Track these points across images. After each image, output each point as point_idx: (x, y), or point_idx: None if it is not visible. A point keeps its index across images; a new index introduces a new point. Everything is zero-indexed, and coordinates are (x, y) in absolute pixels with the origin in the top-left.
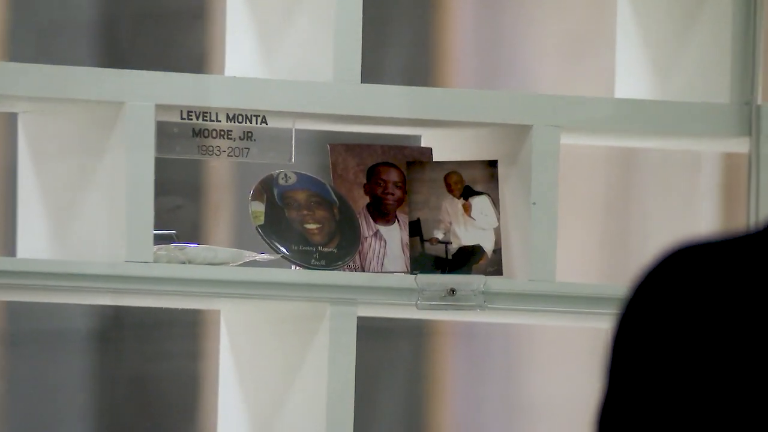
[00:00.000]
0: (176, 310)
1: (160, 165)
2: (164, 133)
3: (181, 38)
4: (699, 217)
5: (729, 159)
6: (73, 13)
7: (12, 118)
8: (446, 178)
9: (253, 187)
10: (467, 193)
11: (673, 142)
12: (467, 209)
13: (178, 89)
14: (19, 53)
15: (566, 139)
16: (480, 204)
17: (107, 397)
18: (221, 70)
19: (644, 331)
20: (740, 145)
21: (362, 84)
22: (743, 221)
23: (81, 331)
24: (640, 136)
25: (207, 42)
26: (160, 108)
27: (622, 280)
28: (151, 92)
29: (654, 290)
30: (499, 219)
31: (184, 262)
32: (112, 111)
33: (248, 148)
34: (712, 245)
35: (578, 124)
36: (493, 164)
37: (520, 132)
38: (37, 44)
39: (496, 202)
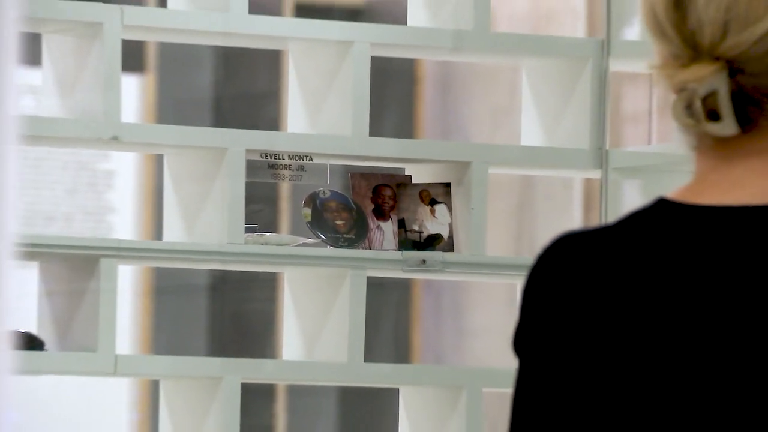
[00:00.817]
0: (258, 272)
1: (249, 186)
2: (251, 166)
3: (263, 108)
4: (571, 216)
5: (589, 182)
6: (200, 93)
7: (160, 159)
8: (420, 193)
9: (304, 198)
10: (432, 202)
11: (556, 172)
12: (432, 212)
13: (260, 139)
14: (165, 118)
15: (492, 170)
16: (440, 209)
17: (217, 325)
18: (285, 128)
19: (540, 283)
20: (596, 174)
21: (370, 137)
22: (597, 220)
23: (202, 285)
24: (537, 169)
25: (277, 110)
26: (248, 151)
27: (527, 254)
28: (243, 142)
29: (546, 258)
30: (451, 218)
31: (262, 244)
32: (220, 153)
33: (301, 175)
34: (583, 232)
35: (499, 161)
36: (447, 185)
37: (465, 166)
38: (176, 113)
39: (450, 208)
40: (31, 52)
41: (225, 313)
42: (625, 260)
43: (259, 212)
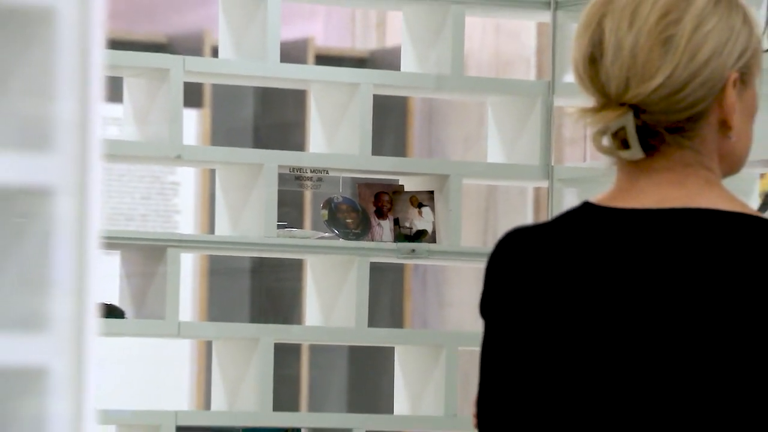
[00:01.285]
0: (287, 258)
1: (280, 193)
2: (281, 178)
3: (291, 134)
4: (525, 216)
5: (539, 190)
6: (243, 122)
7: (213, 173)
8: (410, 198)
9: (322, 203)
10: (420, 205)
11: (514, 182)
12: (420, 213)
13: (288, 158)
14: (217, 141)
15: (465, 181)
16: (426, 210)
17: (256, 298)
18: (308, 149)
19: (496, 263)
20: (544, 184)
21: (372, 156)
22: (545, 219)
23: (245, 268)
24: (499, 180)
25: (302, 135)
26: (280, 167)
27: (491, 245)
28: (275, 159)
29: (501, 245)
30: (434, 217)
31: (290, 237)
32: (258, 168)
33: (320, 185)
34: (528, 226)
35: (470, 174)
36: (431, 192)
37: (444, 178)
38: (225, 137)
39: (433, 210)
40: (115, 91)
41: (262, 289)
42: (558, 246)
43: (288, 213)
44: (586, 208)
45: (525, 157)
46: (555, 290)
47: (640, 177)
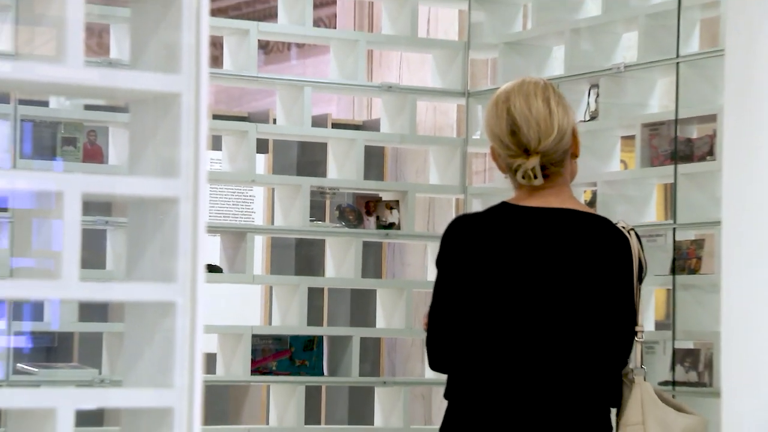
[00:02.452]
0: (315, 239)
1: (311, 201)
2: (312, 192)
3: (318, 167)
4: (451, 215)
5: (458, 200)
6: (290, 159)
7: (273, 190)
8: (385, 204)
9: (336, 207)
10: (391, 208)
11: (445, 196)
12: (391, 213)
13: (316, 181)
14: (276, 171)
15: (418, 195)
16: (395, 212)
17: (298, 261)
18: (327, 176)
19: (448, 235)
20: (462, 196)
21: (364, 180)
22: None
23: (291, 243)
24: (437, 194)
25: (325, 168)
26: (312, 186)
27: (432, 231)
28: (309, 182)
29: (451, 224)
30: (399, 215)
31: (317, 226)
32: (299, 187)
33: (334, 197)
34: (468, 214)
35: (420, 191)
36: (398, 201)
37: (404, 193)
38: (281, 169)
39: (398, 211)
40: (216, 143)
41: (301, 256)
42: (487, 226)
43: (315, 212)
44: (504, 205)
45: (451, 180)
46: (485, 251)
47: (534, 191)
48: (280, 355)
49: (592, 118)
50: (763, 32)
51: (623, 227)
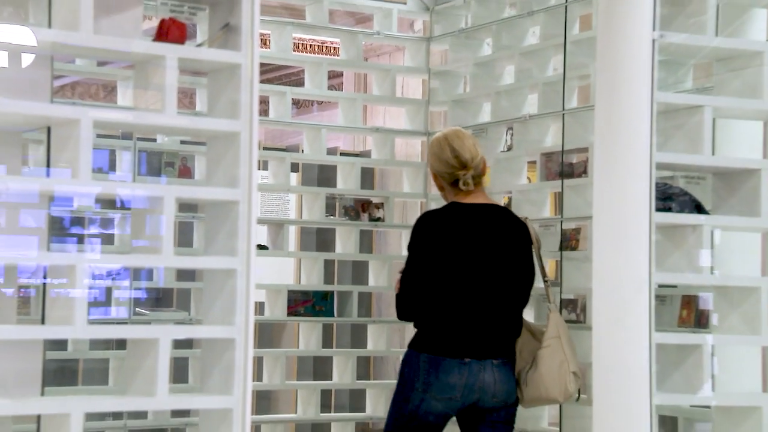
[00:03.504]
0: (329, 228)
1: (327, 204)
2: (327, 197)
3: (331, 181)
4: (417, 212)
5: (423, 203)
6: (313, 176)
7: (301, 197)
8: (374, 205)
9: (342, 207)
10: (378, 208)
11: (413, 200)
12: (378, 211)
13: (330, 190)
14: (304, 183)
15: (396, 199)
16: (381, 210)
17: (318, 242)
18: (337, 186)
19: (419, 225)
20: (424, 200)
21: (361, 189)
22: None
23: (314, 231)
24: (409, 199)
25: (335, 182)
26: (327, 194)
27: (406, 222)
28: (324, 191)
29: (422, 217)
30: (384, 213)
31: (330, 220)
32: (318, 195)
33: (341, 200)
34: (433, 210)
35: (398, 197)
36: (383, 203)
37: (387, 198)
38: (308, 184)
39: (383, 210)
40: (264, 166)
41: (320, 239)
42: (445, 219)
43: (329, 210)
44: (454, 203)
45: (418, 189)
46: (444, 236)
47: (468, 194)
48: (305, 303)
49: (509, 149)
50: (619, 95)
51: (523, 218)
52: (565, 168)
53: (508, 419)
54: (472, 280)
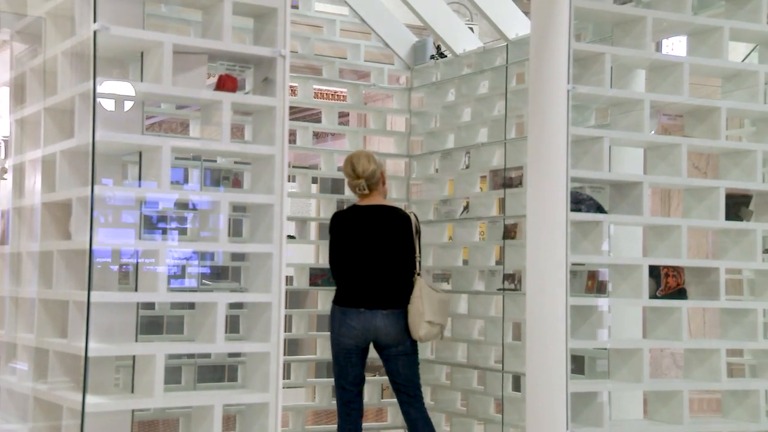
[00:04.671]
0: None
1: (337, 204)
2: (337, 200)
3: (340, 190)
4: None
5: (401, 204)
6: (327, 186)
7: (320, 202)
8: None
9: (345, 206)
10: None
11: (397, 203)
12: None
13: (338, 195)
14: (322, 190)
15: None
16: None
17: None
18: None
19: (333, 222)
20: (404, 203)
21: (360, 196)
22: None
23: (327, 226)
24: (399, 203)
25: (343, 191)
26: (338, 198)
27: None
28: (335, 197)
29: (334, 215)
30: None
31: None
32: (331, 199)
33: (344, 202)
34: (342, 209)
35: (388, 201)
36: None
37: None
38: (324, 191)
39: None
40: (292, 179)
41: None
42: (347, 216)
43: (338, 207)
44: (354, 206)
45: (402, 196)
46: (345, 228)
47: (365, 198)
48: (322, 276)
49: (467, 167)
50: (544, 129)
51: (411, 213)
52: (507, 181)
53: (405, 351)
54: (363, 256)
